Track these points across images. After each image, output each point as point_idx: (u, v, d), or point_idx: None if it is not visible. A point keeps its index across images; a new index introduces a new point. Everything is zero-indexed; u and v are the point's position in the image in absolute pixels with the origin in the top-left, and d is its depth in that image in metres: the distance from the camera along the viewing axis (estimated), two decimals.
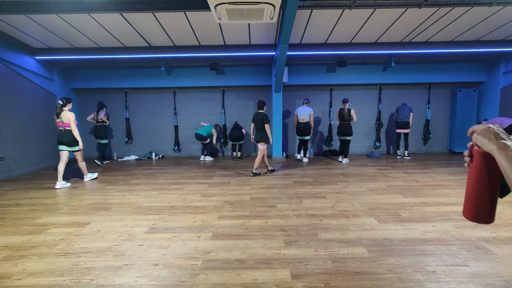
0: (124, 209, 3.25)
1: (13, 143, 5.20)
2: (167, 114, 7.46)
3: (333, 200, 3.43)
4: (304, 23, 4.81)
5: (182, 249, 2.25)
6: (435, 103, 7.36)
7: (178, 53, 5.88)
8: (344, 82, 6.99)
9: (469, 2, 3.94)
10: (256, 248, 2.23)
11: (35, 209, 3.28)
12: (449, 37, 5.54)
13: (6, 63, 5.12)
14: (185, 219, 2.89)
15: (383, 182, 4.34)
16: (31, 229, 2.69)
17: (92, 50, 5.80)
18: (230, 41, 5.63)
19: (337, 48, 5.79)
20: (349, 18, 4.61)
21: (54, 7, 3.89)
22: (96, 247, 2.31)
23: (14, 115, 5.26)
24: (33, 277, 1.89)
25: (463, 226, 2.62)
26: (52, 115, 6.36)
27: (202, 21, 4.61)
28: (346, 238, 2.39)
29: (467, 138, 7.10)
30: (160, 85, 7.06)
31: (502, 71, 6.56)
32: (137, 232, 2.59)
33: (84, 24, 4.63)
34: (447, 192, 3.72)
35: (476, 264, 1.96)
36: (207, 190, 4.03)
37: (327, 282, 1.78)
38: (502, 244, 2.25)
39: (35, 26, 4.71)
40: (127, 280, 1.83)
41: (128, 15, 4.34)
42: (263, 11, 3.45)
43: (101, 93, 7.29)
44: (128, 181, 4.65)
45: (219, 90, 7.37)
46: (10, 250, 2.28)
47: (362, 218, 2.84)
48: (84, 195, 3.84)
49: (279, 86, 6.30)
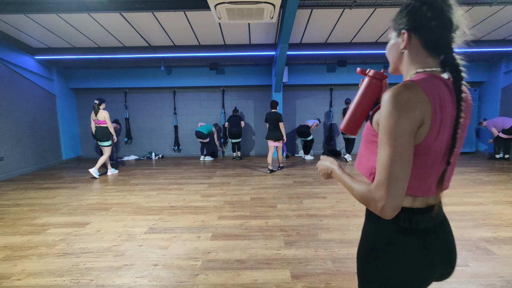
0: (124, 209, 3.24)
1: (12, 143, 5.19)
2: (167, 114, 7.45)
3: (334, 200, 3.43)
4: (304, 23, 4.80)
5: (182, 249, 2.24)
6: None
7: (178, 52, 5.87)
8: (344, 82, 6.98)
9: (469, 2, 3.93)
10: (256, 249, 2.23)
11: (34, 209, 3.28)
12: None
13: (5, 63, 5.11)
14: (185, 219, 2.88)
15: None
16: (31, 229, 2.68)
17: (91, 50, 5.80)
18: (230, 41, 5.62)
19: (337, 47, 5.78)
20: (349, 18, 4.60)
21: (54, 7, 3.88)
22: (96, 247, 2.30)
23: (13, 115, 5.25)
24: (32, 277, 1.88)
25: (464, 226, 2.61)
26: (52, 114, 6.39)
27: (202, 20, 4.60)
28: (347, 238, 2.38)
29: (468, 138, 7.10)
30: (160, 85, 7.05)
31: (502, 71, 6.55)
32: (137, 232, 2.59)
33: (84, 23, 4.62)
34: (447, 192, 3.71)
35: (476, 264, 1.95)
36: (207, 190, 4.03)
37: (327, 282, 1.77)
38: (503, 244, 2.24)
39: (34, 26, 4.70)
40: (126, 281, 1.83)
41: (127, 14, 4.33)
42: (263, 10, 3.45)
43: (100, 93, 7.27)
44: (128, 181, 4.65)
45: (219, 90, 7.36)
46: (9, 250, 2.27)
47: (363, 218, 2.83)
48: (84, 195, 3.84)
49: (279, 86, 6.29)
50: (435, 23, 0.66)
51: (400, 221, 0.69)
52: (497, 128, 5.87)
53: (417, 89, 0.62)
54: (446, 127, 0.65)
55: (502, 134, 5.82)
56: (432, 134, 0.63)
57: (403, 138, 0.61)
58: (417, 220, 0.69)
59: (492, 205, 3.17)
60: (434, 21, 0.66)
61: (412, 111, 0.60)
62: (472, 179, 4.38)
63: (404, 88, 0.61)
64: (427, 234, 0.70)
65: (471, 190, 3.78)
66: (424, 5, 0.66)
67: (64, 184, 4.51)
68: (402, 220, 0.69)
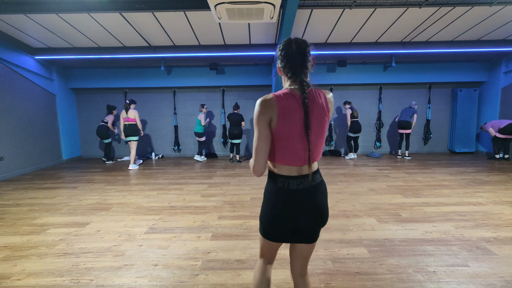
0: (124, 209, 3.24)
1: (12, 143, 5.19)
2: (167, 114, 7.45)
3: (333, 200, 3.43)
4: (304, 23, 4.80)
5: (182, 249, 2.24)
6: (436, 103, 7.35)
7: (178, 52, 5.87)
8: (344, 82, 6.98)
9: (469, 2, 3.93)
10: (256, 248, 2.23)
11: (34, 209, 3.28)
12: (450, 37, 5.53)
13: (5, 63, 5.11)
14: (185, 219, 2.88)
15: (383, 182, 4.33)
16: (31, 229, 2.69)
17: (91, 50, 5.79)
18: (230, 41, 5.62)
19: (337, 47, 5.78)
20: (349, 18, 4.60)
21: (54, 6, 3.88)
22: (96, 247, 2.30)
23: (13, 115, 5.25)
24: (32, 277, 1.88)
25: (464, 226, 2.61)
26: (52, 114, 6.41)
27: (202, 20, 4.60)
28: (347, 238, 2.38)
29: (468, 138, 7.10)
30: (160, 85, 7.05)
31: (502, 71, 6.55)
32: (137, 232, 2.59)
33: (84, 23, 4.62)
34: (448, 192, 3.72)
35: (476, 265, 1.95)
36: (207, 190, 4.02)
37: (327, 282, 1.77)
38: (503, 245, 2.24)
39: (34, 26, 4.70)
40: (126, 281, 1.83)
41: (127, 14, 4.33)
42: (263, 10, 3.44)
43: (100, 93, 7.28)
44: (128, 181, 4.65)
45: (219, 90, 7.36)
46: (9, 250, 2.27)
47: (363, 218, 2.83)
48: (84, 195, 3.84)
49: (279, 86, 6.29)
50: (285, 61, 1.06)
51: (278, 183, 1.09)
52: (494, 129, 5.94)
53: (271, 99, 1.02)
54: (292, 122, 1.02)
55: (499, 134, 5.86)
56: (278, 125, 1.02)
57: (262, 126, 1.03)
58: (288, 183, 1.07)
59: (492, 205, 3.17)
60: (285, 60, 1.06)
61: (265, 111, 1.02)
62: (472, 179, 4.38)
63: (265, 98, 1.03)
64: (296, 193, 1.07)
65: (471, 190, 3.78)
66: (280, 50, 1.08)
67: (64, 184, 4.51)
68: (279, 182, 1.09)
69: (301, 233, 1.12)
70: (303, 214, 1.08)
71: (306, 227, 1.10)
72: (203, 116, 6.50)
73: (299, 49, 1.04)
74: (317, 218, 1.10)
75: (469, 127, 7.06)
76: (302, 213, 1.07)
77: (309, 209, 1.08)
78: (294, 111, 1.02)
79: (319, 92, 1.08)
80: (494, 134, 5.93)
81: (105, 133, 6.47)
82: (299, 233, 1.12)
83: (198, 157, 6.78)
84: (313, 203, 1.08)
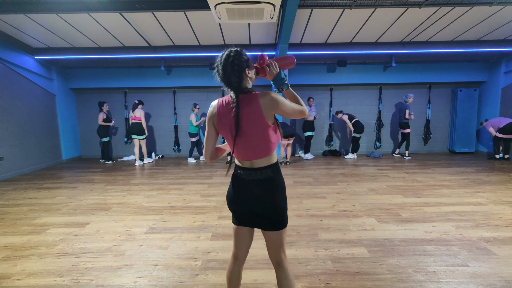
0: (124, 209, 3.24)
1: (12, 143, 5.19)
2: (167, 114, 7.45)
3: (333, 200, 3.43)
4: (304, 23, 4.80)
5: (182, 249, 2.24)
6: (436, 103, 7.34)
7: (178, 52, 5.87)
8: (344, 82, 6.98)
9: (469, 2, 3.93)
10: (256, 248, 2.22)
11: (34, 209, 3.28)
12: (450, 37, 5.53)
13: (5, 63, 5.10)
14: (185, 219, 2.88)
15: (383, 182, 4.33)
16: (31, 229, 2.68)
17: (91, 50, 5.79)
18: (230, 41, 5.62)
19: (337, 47, 5.78)
20: (349, 18, 4.60)
21: (54, 6, 3.88)
22: (96, 247, 2.30)
23: (13, 115, 5.25)
24: (32, 277, 1.88)
25: (464, 226, 2.61)
26: (52, 114, 6.41)
27: (202, 20, 4.60)
28: (346, 239, 2.38)
29: (468, 138, 7.10)
30: (160, 85, 7.05)
31: (502, 71, 6.55)
32: (137, 232, 2.59)
33: (84, 23, 4.61)
34: (448, 192, 3.72)
35: (476, 265, 1.95)
36: (207, 190, 4.02)
37: (327, 282, 1.77)
38: (503, 245, 2.24)
39: (34, 26, 4.70)
40: (126, 281, 1.82)
41: (127, 14, 4.33)
42: (263, 10, 3.44)
43: (100, 92, 7.27)
44: (128, 181, 4.65)
45: (219, 90, 7.35)
46: (9, 250, 2.27)
47: (363, 218, 2.83)
48: (84, 195, 3.84)
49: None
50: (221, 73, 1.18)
51: (236, 172, 1.30)
52: (494, 128, 5.92)
53: (215, 106, 1.25)
54: (225, 126, 1.20)
55: (499, 134, 5.85)
56: (218, 127, 1.24)
57: (208, 127, 1.28)
58: (239, 173, 1.26)
59: (492, 205, 3.17)
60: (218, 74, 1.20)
61: (210, 115, 1.27)
62: (472, 179, 4.38)
63: (212, 103, 1.28)
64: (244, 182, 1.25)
65: (471, 190, 3.78)
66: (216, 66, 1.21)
67: (64, 184, 4.51)
68: (235, 171, 1.30)
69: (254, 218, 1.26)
70: (249, 201, 1.23)
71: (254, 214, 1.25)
72: (194, 117, 6.49)
73: (225, 62, 1.15)
74: (259, 207, 1.22)
75: (469, 127, 7.06)
76: (248, 199, 1.23)
77: (252, 198, 1.22)
78: (228, 116, 1.18)
79: (254, 95, 1.19)
80: (495, 134, 5.92)
81: (104, 132, 6.46)
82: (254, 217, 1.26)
83: (192, 159, 6.77)
84: (254, 193, 1.22)
